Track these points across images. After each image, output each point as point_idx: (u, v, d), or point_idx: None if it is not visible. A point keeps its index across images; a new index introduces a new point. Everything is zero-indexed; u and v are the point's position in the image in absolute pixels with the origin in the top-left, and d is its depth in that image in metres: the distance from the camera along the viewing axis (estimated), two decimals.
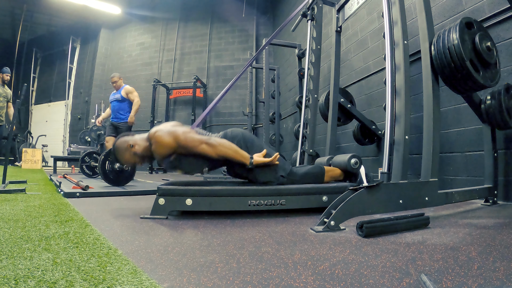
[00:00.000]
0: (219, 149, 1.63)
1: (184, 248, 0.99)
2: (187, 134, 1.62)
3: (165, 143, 1.59)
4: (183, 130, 1.64)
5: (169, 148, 1.60)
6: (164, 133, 1.60)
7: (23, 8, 9.50)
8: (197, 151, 1.61)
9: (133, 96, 4.10)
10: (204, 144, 1.61)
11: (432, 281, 0.68)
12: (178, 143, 1.59)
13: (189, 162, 1.67)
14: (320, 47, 2.85)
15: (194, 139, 1.61)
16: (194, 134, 1.65)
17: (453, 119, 2.39)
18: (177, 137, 1.59)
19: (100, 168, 2.89)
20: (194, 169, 1.71)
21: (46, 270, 0.72)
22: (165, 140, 1.58)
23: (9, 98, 4.70)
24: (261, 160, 1.68)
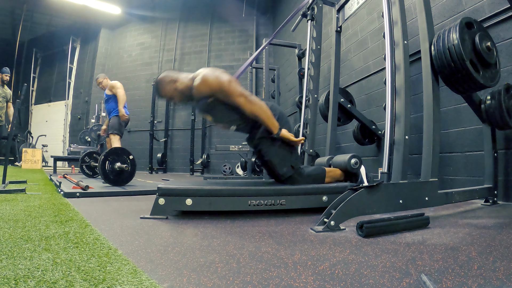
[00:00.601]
0: (255, 107, 1.65)
1: (184, 248, 0.99)
2: (232, 82, 1.63)
3: (209, 83, 1.60)
4: (229, 77, 1.64)
5: (210, 89, 1.61)
6: (211, 74, 1.62)
7: (23, 8, 9.50)
8: (235, 101, 1.62)
9: (116, 89, 3.75)
10: (243, 98, 1.62)
11: (432, 281, 0.68)
12: (221, 88, 1.60)
13: (222, 110, 1.69)
14: (320, 47, 2.85)
15: (236, 89, 1.62)
16: (238, 85, 1.65)
17: (453, 119, 2.39)
18: (222, 82, 1.60)
19: (100, 168, 2.89)
20: (223, 120, 1.76)
21: (46, 270, 0.72)
22: (210, 80, 1.60)
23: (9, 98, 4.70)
24: (288, 135, 1.73)
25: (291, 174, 1.77)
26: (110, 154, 2.94)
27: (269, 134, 1.73)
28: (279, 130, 1.71)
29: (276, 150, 1.76)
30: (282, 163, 1.76)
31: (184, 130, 7.90)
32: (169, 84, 1.72)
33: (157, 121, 8.02)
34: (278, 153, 1.76)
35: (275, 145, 1.75)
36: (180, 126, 8.08)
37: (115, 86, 3.79)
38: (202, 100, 1.67)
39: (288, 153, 1.78)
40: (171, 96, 1.75)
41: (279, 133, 1.71)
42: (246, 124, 1.78)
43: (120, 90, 3.76)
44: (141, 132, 8.24)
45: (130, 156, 3.03)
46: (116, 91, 3.75)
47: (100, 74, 4.07)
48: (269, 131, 1.72)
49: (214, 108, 1.68)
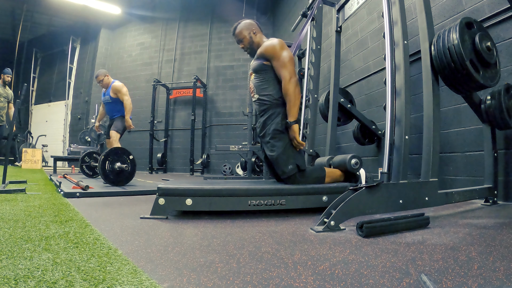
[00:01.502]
0: (293, 87, 1.77)
1: (184, 248, 0.99)
2: (292, 60, 1.83)
3: (276, 49, 1.81)
4: (291, 56, 1.85)
5: (274, 54, 1.82)
6: (282, 45, 1.84)
7: (23, 8, 9.50)
8: (282, 73, 1.79)
9: (122, 95, 3.61)
10: (290, 74, 1.78)
11: (432, 281, 0.68)
12: (283, 58, 1.80)
13: (266, 75, 1.86)
14: (320, 47, 2.85)
15: (291, 66, 1.81)
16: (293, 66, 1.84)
17: (453, 119, 2.39)
18: (285, 55, 1.80)
19: (100, 168, 2.89)
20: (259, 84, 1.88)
21: (46, 270, 0.72)
22: (278, 48, 1.82)
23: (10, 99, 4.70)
24: (297, 131, 1.80)
25: (295, 172, 1.77)
26: (110, 154, 2.94)
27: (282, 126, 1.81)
28: (295, 121, 1.79)
29: (284, 146, 1.79)
30: (289, 160, 1.78)
31: (184, 130, 7.89)
32: (248, 30, 1.94)
33: (157, 121, 8.02)
34: (286, 149, 1.80)
35: (285, 141, 1.80)
36: (180, 126, 8.08)
37: (121, 91, 3.61)
38: (260, 59, 1.87)
39: (296, 152, 1.83)
40: (242, 39, 1.95)
41: (293, 123, 1.78)
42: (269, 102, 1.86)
43: (127, 98, 3.62)
44: (141, 132, 8.23)
45: (130, 156, 3.03)
46: (123, 97, 3.60)
47: (101, 71, 3.76)
48: (282, 123, 1.81)
49: (264, 70, 1.86)
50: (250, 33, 1.93)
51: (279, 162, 1.78)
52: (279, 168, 1.79)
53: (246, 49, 1.97)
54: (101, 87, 3.82)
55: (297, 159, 1.80)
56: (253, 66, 1.91)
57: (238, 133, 7.38)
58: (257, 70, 1.89)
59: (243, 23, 1.96)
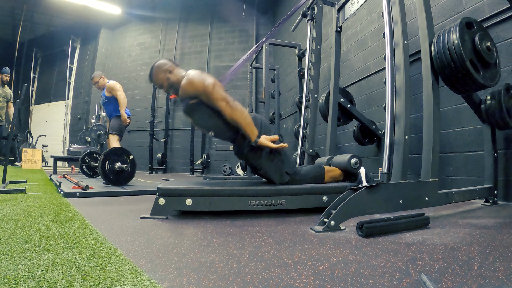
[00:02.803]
0: (235, 113, 1.64)
1: (184, 248, 0.99)
2: (216, 85, 1.66)
3: (194, 84, 1.65)
4: (214, 81, 1.68)
5: (195, 90, 1.65)
6: (198, 76, 1.67)
7: (23, 8, 9.50)
8: (217, 105, 1.64)
9: (115, 91, 3.61)
10: (225, 102, 1.64)
11: (432, 281, 0.68)
12: (205, 90, 1.63)
13: (203, 113, 1.71)
14: (320, 47, 2.85)
15: (219, 93, 1.64)
16: (222, 90, 1.68)
17: (453, 119, 2.39)
18: (207, 85, 1.64)
19: (100, 168, 2.89)
20: (204, 124, 1.77)
21: (46, 270, 0.72)
22: (196, 81, 1.65)
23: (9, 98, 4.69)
24: (266, 142, 1.67)
25: (288, 179, 1.76)
26: (110, 154, 2.94)
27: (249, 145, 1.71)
28: (258, 138, 1.68)
29: (267, 161, 1.73)
30: (277, 173, 1.75)
31: (184, 130, 7.90)
32: (163, 73, 1.78)
33: (157, 121, 8.02)
34: (270, 163, 1.74)
35: (264, 156, 1.73)
36: (180, 126, 8.08)
37: (114, 88, 3.63)
38: (186, 100, 1.71)
39: (279, 161, 1.75)
40: (161, 84, 1.81)
41: (257, 140, 1.67)
42: (226, 132, 1.76)
43: (120, 93, 3.61)
44: (141, 132, 8.24)
45: (130, 156, 3.03)
46: (116, 93, 3.61)
47: (96, 73, 3.81)
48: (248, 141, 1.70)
49: (197, 109, 1.70)
50: (165, 74, 1.78)
51: (270, 176, 1.76)
52: (273, 181, 1.78)
53: (169, 92, 1.81)
54: (98, 88, 3.85)
55: (284, 166, 1.76)
56: (184, 110, 1.76)
57: None
58: (190, 112, 1.74)
59: (155, 67, 1.80)
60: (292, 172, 1.78)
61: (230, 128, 1.73)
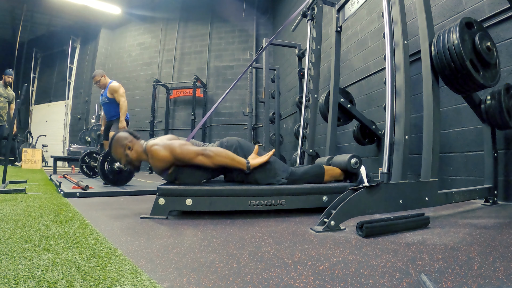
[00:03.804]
0: (216, 159, 1.65)
1: (184, 248, 0.99)
2: (183, 146, 1.64)
3: (161, 157, 1.61)
4: (179, 143, 1.66)
5: (166, 161, 1.63)
6: (161, 147, 1.62)
7: (23, 8, 9.50)
8: (195, 162, 1.64)
9: (119, 96, 3.57)
10: (201, 156, 1.63)
11: (432, 281, 0.68)
12: (175, 156, 1.62)
13: (187, 173, 1.70)
14: (320, 47, 2.85)
15: (190, 151, 1.63)
16: (190, 146, 1.66)
17: (453, 119, 2.39)
18: (173, 150, 1.61)
19: (99, 168, 2.89)
20: (193, 180, 1.72)
21: (46, 270, 0.72)
22: (162, 154, 1.61)
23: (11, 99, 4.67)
24: (257, 162, 1.70)
25: (286, 182, 1.76)
26: (109, 154, 2.94)
27: (243, 172, 1.72)
28: (247, 163, 1.69)
29: (260, 176, 1.73)
30: (273, 180, 1.75)
31: (184, 130, 7.90)
32: (121, 148, 1.74)
33: (157, 121, 8.02)
34: (263, 175, 1.74)
35: (257, 173, 1.73)
36: (180, 126, 8.08)
37: (118, 92, 3.56)
38: (164, 172, 1.68)
39: (271, 169, 1.75)
40: (119, 158, 1.78)
41: (249, 166, 1.69)
42: (215, 172, 1.80)
43: (123, 100, 3.56)
44: (141, 132, 8.23)
45: None
46: (120, 99, 3.55)
47: (97, 71, 3.69)
48: (241, 170, 1.71)
49: (179, 173, 1.69)
50: (124, 149, 1.72)
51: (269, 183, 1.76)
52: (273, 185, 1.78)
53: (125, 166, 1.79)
54: (98, 87, 3.77)
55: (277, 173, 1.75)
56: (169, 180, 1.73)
57: (238, 133, 7.38)
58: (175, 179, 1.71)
59: (114, 141, 1.75)
60: (287, 175, 1.78)
61: (218, 170, 1.77)
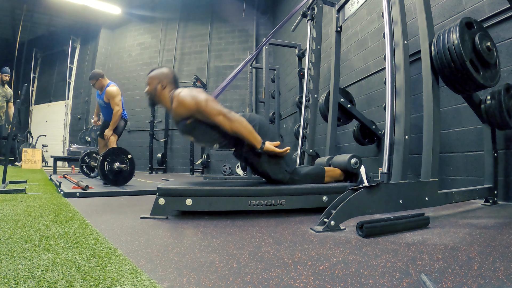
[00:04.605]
0: (235, 125, 1.62)
1: (184, 248, 0.99)
2: (209, 101, 1.61)
3: (186, 105, 1.60)
4: (206, 96, 1.64)
5: (188, 110, 1.61)
6: (188, 95, 1.61)
7: (23, 8, 9.50)
8: (214, 120, 1.61)
9: (114, 104, 3.44)
10: (222, 116, 1.61)
11: (432, 281, 0.68)
12: (198, 108, 1.60)
13: (203, 131, 1.68)
14: (320, 47, 2.85)
15: (214, 108, 1.61)
16: (216, 104, 1.63)
17: (453, 119, 2.39)
18: (199, 102, 1.59)
19: (99, 168, 2.89)
20: (205, 140, 1.73)
21: (46, 270, 0.72)
22: (187, 101, 1.60)
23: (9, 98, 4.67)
24: (272, 148, 1.68)
25: (288, 178, 1.76)
26: (109, 154, 2.94)
27: (253, 150, 1.70)
28: (263, 144, 1.68)
29: (267, 160, 1.73)
30: (276, 171, 1.75)
31: None
32: (158, 80, 1.73)
33: (157, 121, 8.02)
34: (270, 163, 1.73)
35: (264, 156, 1.72)
36: None
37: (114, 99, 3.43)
38: (182, 122, 1.67)
39: (280, 159, 1.76)
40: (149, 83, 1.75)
41: (262, 147, 1.67)
42: (229, 141, 1.77)
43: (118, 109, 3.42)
44: (141, 132, 8.24)
45: (129, 156, 3.03)
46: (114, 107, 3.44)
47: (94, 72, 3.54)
48: (252, 148, 1.69)
49: (195, 128, 1.68)
50: (158, 84, 1.73)
51: (270, 175, 1.77)
52: (273, 180, 1.78)
53: (147, 94, 1.78)
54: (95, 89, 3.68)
55: (284, 165, 1.76)
56: (182, 131, 1.74)
57: None
58: (189, 132, 1.72)
59: (157, 72, 1.77)
60: (292, 171, 1.78)
61: (232, 139, 1.73)
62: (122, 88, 9.16)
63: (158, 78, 1.74)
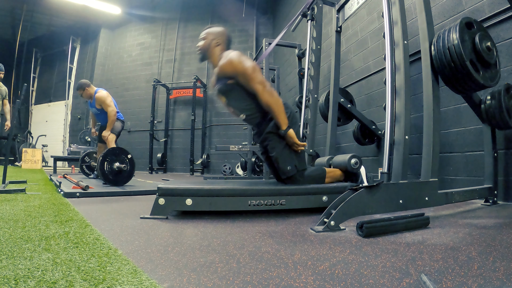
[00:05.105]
0: (269, 98, 1.68)
1: (184, 248, 0.99)
2: (256, 68, 1.69)
3: (234, 64, 1.66)
4: (254, 64, 1.71)
5: (234, 70, 1.67)
6: (238, 56, 1.68)
7: (23, 8, 9.50)
8: (254, 87, 1.67)
9: (106, 106, 3.44)
10: (262, 86, 1.67)
11: (432, 281, 0.68)
12: (244, 71, 1.66)
13: (238, 95, 1.74)
14: (320, 47, 2.84)
15: (258, 76, 1.68)
16: (260, 73, 1.71)
17: (453, 119, 2.39)
18: (246, 66, 1.66)
19: (98, 169, 2.89)
20: (237, 106, 1.78)
21: (46, 270, 0.72)
22: (235, 62, 1.66)
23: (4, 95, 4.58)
24: (293, 136, 1.74)
25: (294, 173, 1.77)
26: (108, 154, 2.94)
27: (277, 130, 1.74)
28: (288, 128, 1.73)
29: (283, 147, 1.77)
30: (288, 161, 1.77)
31: (184, 130, 7.90)
32: (213, 36, 1.81)
33: (157, 121, 8.02)
34: (284, 150, 1.77)
35: (282, 142, 1.77)
36: (180, 126, 8.08)
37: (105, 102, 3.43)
38: (223, 80, 1.73)
39: (294, 153, 1.80)
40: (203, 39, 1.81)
41: (286, 130, 1.72)
42: (257, 116, 1.81)
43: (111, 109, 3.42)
44: (141, 132, 8.24)
45: (129, 155, 3.03)
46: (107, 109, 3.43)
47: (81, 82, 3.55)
48: (277, 127, 1.74)
49: (232, 90, 1.73)
50: (213, 40, 1.79)
51: (279, 162, 1.78)
52: (279, 168, 1.79)
53: (199, 49, 1.82)
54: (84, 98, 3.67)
55: (296, 159, 1.79)
56: (219, 89, 1.78)
57: (238, 133, 7.38)
58: (225, 92, 1.77)
59: (214, 29, 1.84)
60: (300, 169, 1.79)
61: (261, 112, 1.78)
62: (122, 88, 9.19)
63: (214, 34, 1.81)
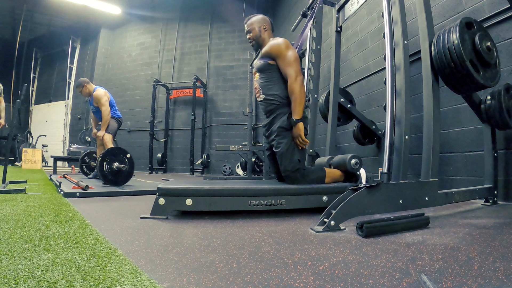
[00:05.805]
0: (299, 87, 1.78)
1: (184, 248, 0.99)
2: (296, 58, 1.85)
3: (281, 47, 1.83)
4: (296, 54, 1.87)
5: (279, 52, 1.83)
6: (286, 43, 1.85)
7: (23, 8, 9.49)
8: (288, 72, 1.81)
9: (100, 105, 3.50)
10: (295, 72, 1.80)
11: (432, 281, 0.68)
12: (287, 56, 1.82)
13: (271, 75, 1.88)
14: (320, 47, 2.85)
15: (297, 65, 1.82)
16: (298, 63, 1.85)
17: (453, 119, 2.39)
18: (292, 53, 1.82)
19: (98, 169, 2.89)
20: (265, 84, 1.90)
21: (46, 270, 0.72)
22: (283, 46, 1.84)
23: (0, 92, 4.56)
24: (302, 129, 1.80)
25: (295, 172, 1.77)
26: (107, 154, 2.93)
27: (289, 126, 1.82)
28: (299, 119, 1.78)
29: (289, 144, 1.81)
30: (292, 158, 1.79)
31: (184, 130, 7.89)
32: (260, 24, 1.97)
33: (157, 121, 8.01)
34: (289, 145, 1.81)
35: (290, 138, 1.81)
36: (180, 126, 8.08)
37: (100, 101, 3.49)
38: (265, 59, 1.88)
39: (299, 151, 1.84)
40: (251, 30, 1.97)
41: (298, 120, 1.78)
42: (275, 102, 1.88)
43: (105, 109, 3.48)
44: (141, 132, 8.24)
45: (128, 155, 3.02)
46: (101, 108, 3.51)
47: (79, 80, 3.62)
48: (289, 123, 1.82)
49: (269, 70, 1.88)
50: (260, 27, 1.96)
51: (283, 159, 1.80)
52: (282, 165, 1.80)
53: (251, 40, 1.98)
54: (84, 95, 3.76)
55: (298, 156, 1.81)
56: (258, 65, 1.92)
57: (238, 133, 7.38)
58: (262, 69, 1.90)
59: (257, 17, 2.00)
60: (302, 167, 1.81)
61: (280, 102, 1.87)
62: (122, 88, 9.18)
63: (259, 22, 1.97)
